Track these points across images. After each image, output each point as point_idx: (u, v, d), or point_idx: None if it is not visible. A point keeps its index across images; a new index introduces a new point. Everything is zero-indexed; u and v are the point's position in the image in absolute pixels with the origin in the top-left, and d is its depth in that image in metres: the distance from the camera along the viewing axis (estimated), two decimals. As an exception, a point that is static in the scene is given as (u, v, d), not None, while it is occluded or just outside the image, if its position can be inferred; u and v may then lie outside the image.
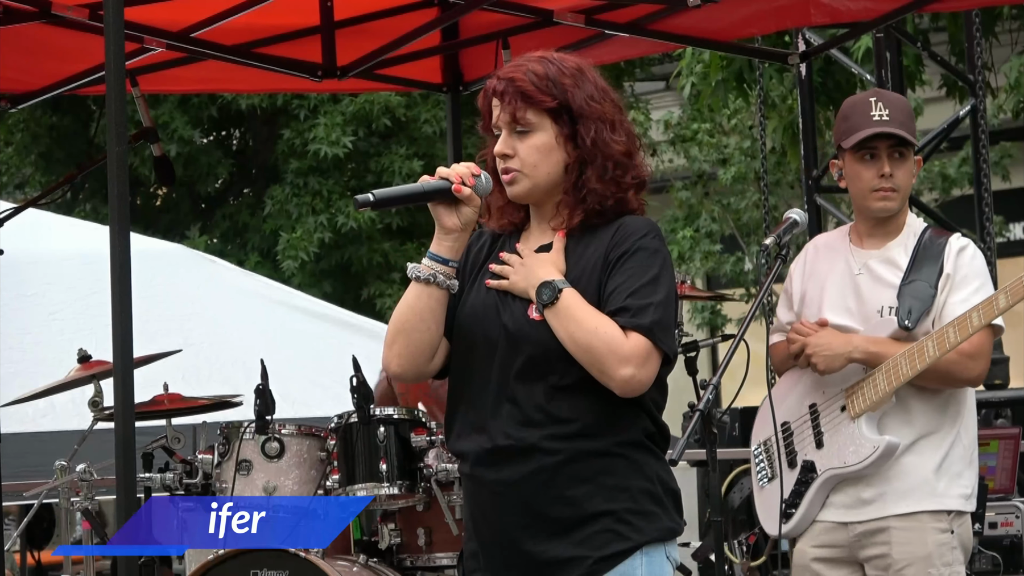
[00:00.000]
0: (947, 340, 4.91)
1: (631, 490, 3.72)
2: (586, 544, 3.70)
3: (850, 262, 5.14)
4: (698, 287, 16.12)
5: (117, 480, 4.56)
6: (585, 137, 3.77)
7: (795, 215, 5.02)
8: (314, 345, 9.61)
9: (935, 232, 5.20)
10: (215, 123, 16.91)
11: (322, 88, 7.64)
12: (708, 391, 4.62)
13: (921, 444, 5.03)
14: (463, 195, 3.72)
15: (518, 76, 3.78)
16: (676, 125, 17.53)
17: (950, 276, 5.05)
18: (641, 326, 3.67)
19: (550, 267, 3.76)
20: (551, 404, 3.71)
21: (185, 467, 6.04)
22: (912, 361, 4.94)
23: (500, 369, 3.75)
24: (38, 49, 6.96)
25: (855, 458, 5.02)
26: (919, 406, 5.04)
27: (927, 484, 5.02)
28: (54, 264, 9.39)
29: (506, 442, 3.72)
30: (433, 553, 5.83)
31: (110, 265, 4.60)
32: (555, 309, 3.70)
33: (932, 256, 5.09)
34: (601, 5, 7.07)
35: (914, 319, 5.00)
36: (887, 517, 5.01)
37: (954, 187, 16.49)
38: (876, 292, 5.10)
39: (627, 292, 3.69)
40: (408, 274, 3.79)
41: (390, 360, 3.82)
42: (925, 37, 12.24)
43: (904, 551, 4.99)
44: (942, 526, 5.02)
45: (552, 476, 3.70)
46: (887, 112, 5.07)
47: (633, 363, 3.65)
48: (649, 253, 3.73)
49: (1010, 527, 6.83)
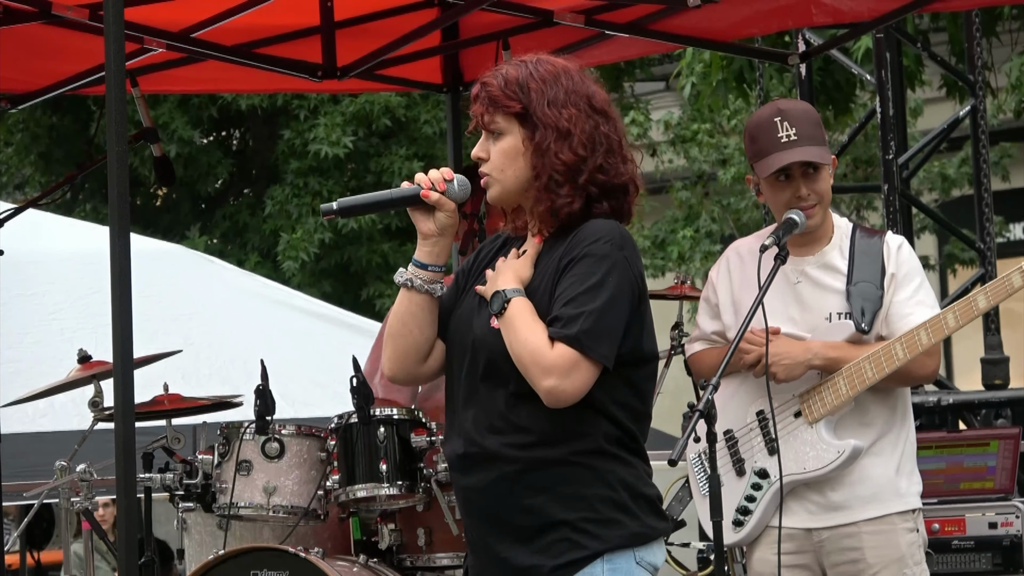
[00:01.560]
0: (919, 343, 4.90)
1: (589, 499, 3.71)
2: (544, 553, 3.72)
3: (786, 272, 5.03)
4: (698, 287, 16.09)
5: (117, 480, 4.56)
6: (537, 144, 3.77)
7: (794, 215, 5.01)
8: (314, 345, 9.61)
9: (864, 231, 5.16)
10: (215, 123, 16.90)
11: (322, 88, 7.64)
12: (708, 391, 4.61)
13: (880, 445, 5.03)
14: (431, 200, 3.77)
15: (489, 80, 3.81)
16: (676, 125, 17.51)
17: (894, 275, 5.03)
18: (567, 336, 3.66)
19: (510, 275, 3.79)
20: (511, 412, 3.73)
21: (185, 467, 6.04)
22: (879, 365, 4.92)
23: (468, 375, 3.80)
24: (38, 49, 6.96)
25: (816, 463, 5.00)
26: (875, 408, 5.03)
27: (891, 485, 5.02)
28: (54, 264, 9.39)
29: (472, 449, 3.77)
30: (433, 553, 5.83)
31: (110, 265, 4.60)
32: (503, 319, 3.73)
33: (871, 256, 5.05)
34: (601, 5, 7.07)
35: (868, 321, 4.99)
36: (858, 522, 4.99)
37: (954, 187, 16.48)
38: (821, 299, 5.05)
39: (564, 300, 3.70)
40: (395, 280, 3.86)
41: (385, 364, 3.92)
42: (925, 37, 12.24)
43: (877, 554, 4.98)
44: (909, 525, 5.03)
45: (512, 485, 3.73)
46: (793, 131, 4.99)
47: (555, 374, 3.65)
48: (595, 259, 3.71)
49: (1010, 527, 6.82)
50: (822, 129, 5.11)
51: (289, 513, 5.86)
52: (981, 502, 6.89)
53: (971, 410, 8.82)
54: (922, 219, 14.59)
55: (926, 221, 15.13)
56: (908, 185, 10.38)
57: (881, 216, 10.35)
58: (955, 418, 8.66)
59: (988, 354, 9.82)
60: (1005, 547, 6.85)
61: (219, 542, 5.90)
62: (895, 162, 9.66)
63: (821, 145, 5.04)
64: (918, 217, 13.15)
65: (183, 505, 6.04)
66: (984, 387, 9.62)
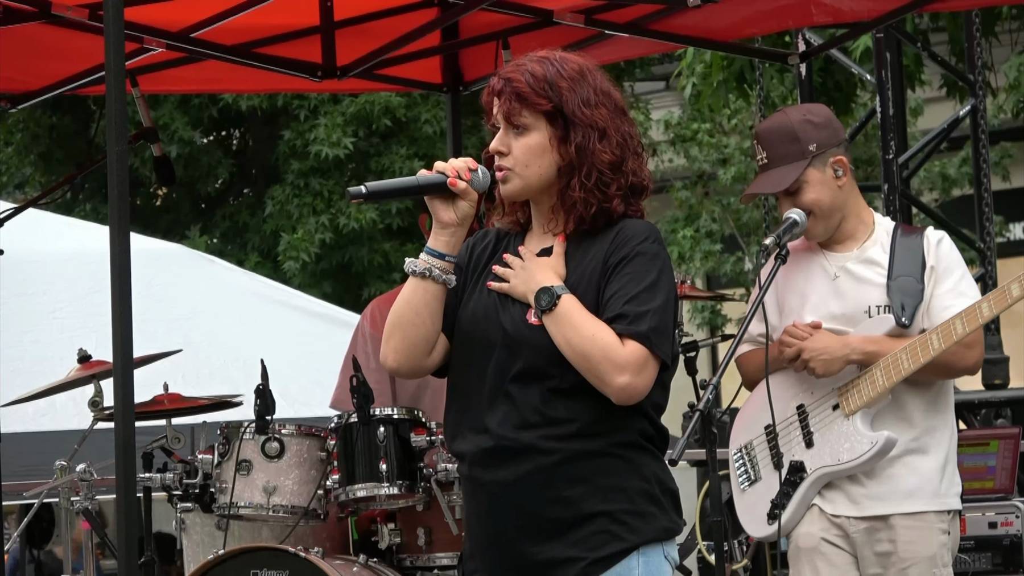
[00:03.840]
0: (954, 332, 4.90)
1: (628, 490, 3.72)
2: (581, 545, 3.70)
3: (825, 267, 5.11)
4: (698, 287, 16.09)
5: (117, 480, 4.56)
6: (572, 143, 3.76)
7: (795, 215, 5.02)
8: (314, 345, 9.60)
9: (906, 228, 5.21)
10: (215, 123, 16.89)
11: (322, 88, 7.64)
12: (708, 391, 4.61)
13: (923, 441, 5.03)
14: (458, 189, 3.73)
15: (516, 76, 3.78)
16: (676, 125, 17.52)
17: (934, 268, 5.05)
18: (638, 333, 3.67)
19: (550, 272, 3.76)
20: (547, 406, 3.71)
21: (185, 467, 6.03)
22: (915, 355, 4.93)
23: (497, 371, 3.75)
24: (38, 49, 6.96)
25: (850, 455, 5.01)
26: (913, 401, 5.04)
27: (931, 483, 5.02)
28: (54, 264, 9.40)
29: (503, 443, 3.72)
30: (433, 553, 5.82)
31: (110, 265, 4.60)
32: (553, 315, 3.70)
33: (911, 251, 5.08)
34: (601, 5, 7.07)
35: (909, 315, 5.00)
36: (894, 515, 5.01)
37: (954, 187, 16.48)
38: (861, 293, 5.08)
39: (625, 298, 3.69)
40: (405, 268, 3.79)
41: (387, 355, 3.82)
42: (925, 37, 12.23)
43: (910, 550, 4.99)
44: (943, 527, 5.03)
45: (548, 477, 3.70)
46: (764, 154, 5.10)
47: (629, 371, 3.66)
48: (648, 258, 3.73)
49: (1010, 527, 6.82)
50: (799, 142, 5.10)
51: (289, 513, 5.86)
52: (981, 502, 6.89)
53: (971, 410, 8.83)
54: (922, 219, 14.57)
55: (926, 221, 15.10)
56: (908, 185, 10.39)
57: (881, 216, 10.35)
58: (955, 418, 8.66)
59: (988, 354, 9.81)
60: (1005, 547, 6.85)
61: (218, 542, 5.89)
62: (895, 162, 9.67)
63: (794, 160, 5.07)
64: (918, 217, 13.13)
65: (181, 505, 6.04)
66: (984, 387, 9.63)
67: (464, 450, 3.81)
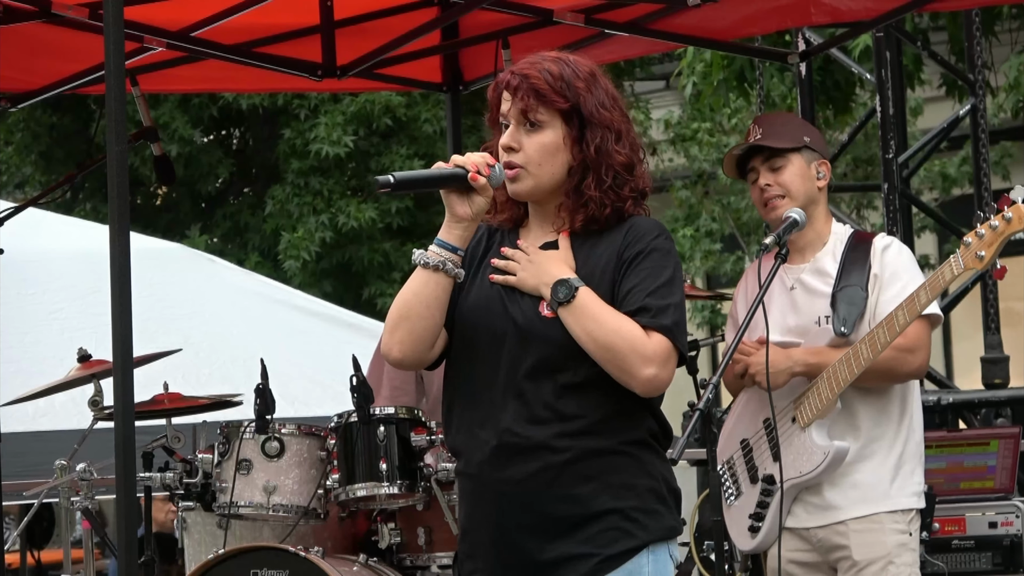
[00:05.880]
0: (878, 341, 4.94)
1: (637, 488, 3.73)
2: (592, 542, 3.69)
3: (783, 279, 5.15)
4: (698, 286, 16.12)
5: (117, 480, 4.55)
6: (591, 143, 3.77)
7: (795, 214, 5.03)
8: (314, 345, 9.60)
9: (860, 236, 5.22)
10: (215, 123, 16.90)
11: (322, 88, 7.64)
12: (708, 391, 4.61)
13: (874, 447, 5.08)
14: (478, 184, 3.71)
15: (533, 73, 3.78)
16: (676, 125, 17.52)
17: (878, 276, 5.09)
18: (663, 326, 3.69)
19: (563, 265, 3.76)
20: (559, 402, 3.70)
21: (185, 467, 6.04)
22: (849, 365, 4.97)
23: (508, 365, 3.73)
24: (38, 49, 6.96)
25: (808, 466, 5.06)
26: (863, 410, 5.09)
27: (881, 485, 5.08)
28: (54, 263, 9.39)
29: (513, 440, 3.70)
30: (433, 553, 5.83)
31: (110, 265, 4.59)
32: (571, 307, 3.70)
33: (859, 259, 5.11)
34: (601, 5, 7.07)
35: (850, 324, 5.03)
36: (846, 521, 5.07)
37: (954, 187, 16.49)
38: (811, 304, 5.13)
39: (646, 292, 3.70)
40: (414, 260, 3.76)
41: (391, 347, 3.79)
42: (925, 36, 12.24)
43: (863, 552, 5.04)
44: (900, 527, 5.07)
45: (558, 474, 3.69)
46: (760, 132, 5.16)
47: (656, 363, 3.67)
48: (663, 254, 3.76)
49: (1010, 527, 6.82)
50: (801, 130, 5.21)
51: (289, 512, 5.86)
52: (981, 502, 6.89)
53: (971, 409, 8.83)
54: (922, 218, 14.59)
55: (926, 220, 15.14)
56: (908, 184, 10.38)
57: (881, 215, 10.36)
58: (955, 417, 8.67)
59: (988, 353, 9.82)
60: (1005, 547, 6.85)
61: (219, 541, 5.90)
62: (895, 161, 9.67)
63: (790, 139, 5.14)
64: (918, 216, 13.15)
65: (182, 504, 6.04)
66: (984, 386, 9.63)
67: (468, 446, 3.79)
